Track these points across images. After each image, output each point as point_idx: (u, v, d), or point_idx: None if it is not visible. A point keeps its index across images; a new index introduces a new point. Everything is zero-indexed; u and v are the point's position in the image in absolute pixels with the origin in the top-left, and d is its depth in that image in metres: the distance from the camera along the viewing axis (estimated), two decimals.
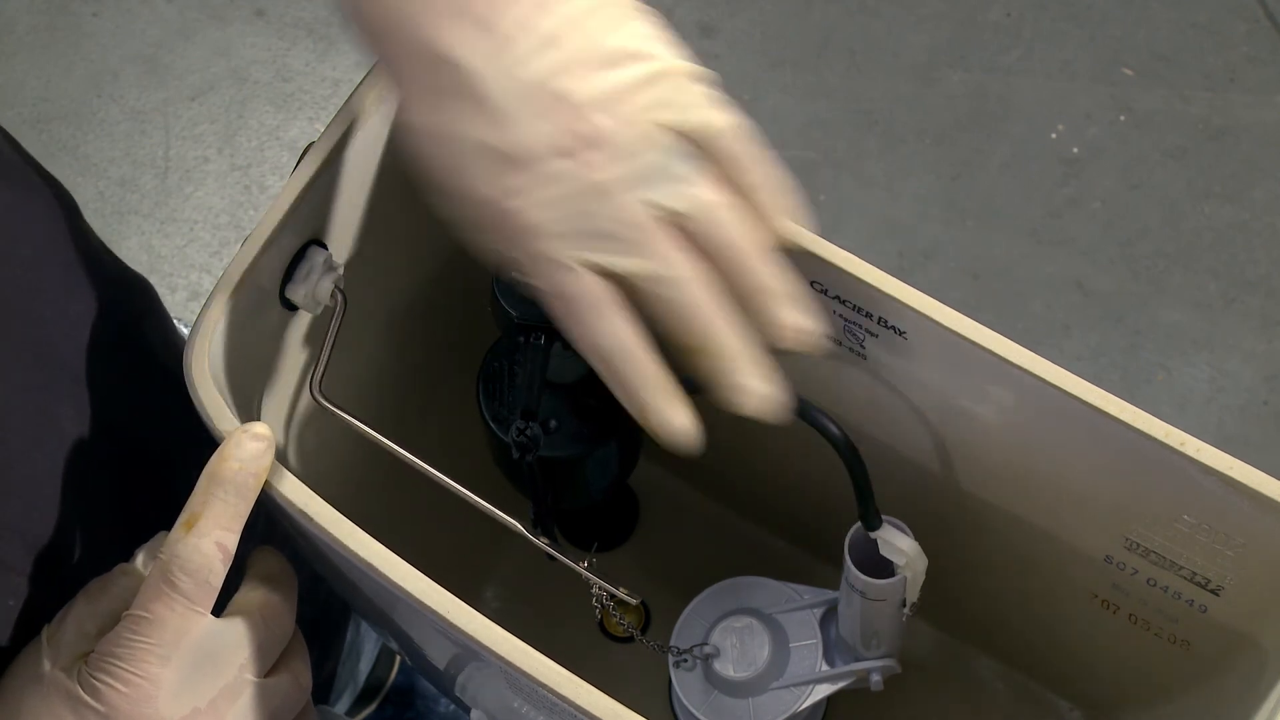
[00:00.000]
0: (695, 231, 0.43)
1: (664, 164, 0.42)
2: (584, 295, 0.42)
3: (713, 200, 0.43)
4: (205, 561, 0.42)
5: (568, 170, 0.41)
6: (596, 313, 0.42)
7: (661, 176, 0.42)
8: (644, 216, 0.42)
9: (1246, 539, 0.51)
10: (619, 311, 0.43)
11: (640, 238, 0.42)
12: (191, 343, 0.49)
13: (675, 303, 0.43)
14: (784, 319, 0.44)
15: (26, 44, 1.49)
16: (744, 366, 0.44)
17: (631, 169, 0.42)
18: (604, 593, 0.55)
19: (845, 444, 0.50)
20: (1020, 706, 0.72)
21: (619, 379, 0.43)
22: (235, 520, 0.43)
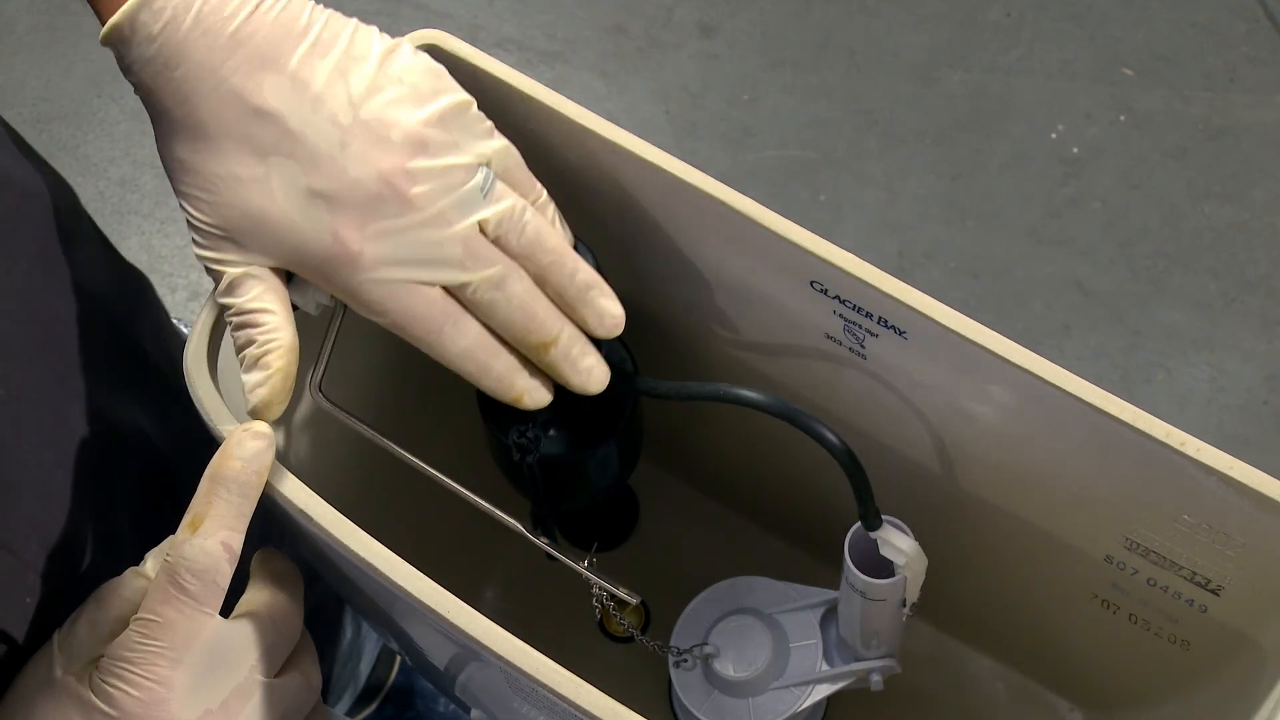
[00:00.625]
0: (510, 237, 0.48)
1: (476, 187, 0.47)
2: (435, 311, 0.46)
3: (519, 206, 0.48)
4: (211, 562, 0.42)
5: (396, 206, 0.45)
6: (452, 321, 0.47)
7: (476, 198, 0.47)
8: (471, 234, 0.46)
9: (1246, 539, 0.51)
10: (467, 315, 0.47)
11: (471, 254, 0.47)
12: (191, 343, 0.49)
13: (512, 301, 0.47)
14: (602, 305, 0.50)
15: (26, 44, 1.49)
16: (581, 346, 0.50)
17: (453, 198, 0.46)
18: (604, 593, 0.55)
19: (844, 451, 0.50)
20: (1020, 706, 0.72)
21: (486, 370, 0.48)
22: (239, 519, 0.43)
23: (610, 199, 0.57)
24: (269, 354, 0.45)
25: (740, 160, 1.43)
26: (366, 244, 0.45)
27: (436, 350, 0.47)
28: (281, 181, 0.44)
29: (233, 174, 0.44)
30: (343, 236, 0.44)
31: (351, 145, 0.45)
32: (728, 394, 0.52)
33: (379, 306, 0.46)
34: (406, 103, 0.46)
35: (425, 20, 1.52)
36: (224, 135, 0.44)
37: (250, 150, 0.44)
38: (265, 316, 0.46)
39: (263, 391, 0.45)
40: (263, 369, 0.45)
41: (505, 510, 0.51)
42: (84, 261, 0.59)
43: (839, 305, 0.54)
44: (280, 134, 0.44)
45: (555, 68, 1.50)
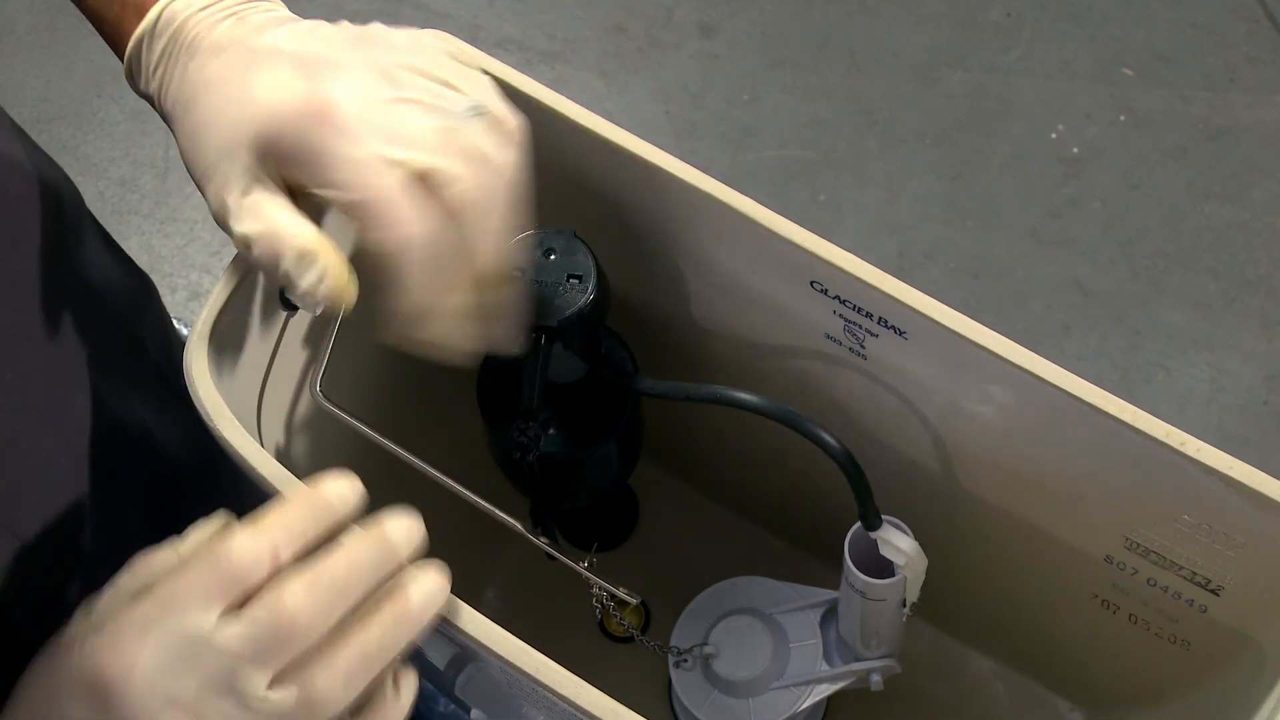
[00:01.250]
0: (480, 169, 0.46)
1: (463, 104, 0.46)
2: (396, 193, 0.43)
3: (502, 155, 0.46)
4: (252, 560, 0.41)
5: (378, 83, 0.45)
6: (412, 209, 0.44)
7: (462, 113, 0.45)
8: (450, 130, 0.45)
9: (1246, 539, 0.51)
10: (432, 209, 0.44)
11: (444, 144, 0.45)
12: (191, 343, 0.49)
13: (493, 213, 0.45)
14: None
15: (26, 44, 1.49)
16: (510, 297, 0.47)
17: (440, 97, 0.45)
18: (604, 593, 0.55)
19: (842, 453, 0.50)
20: (1020, 706, 0.72)
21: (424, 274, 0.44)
22: (298, 538, 0.42)
23: (610, 199, 0.57)
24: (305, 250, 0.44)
25: (740, 160, 1.43)
26: (341, 98, 0.44)
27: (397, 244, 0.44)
28: (266, 73, 0.45)
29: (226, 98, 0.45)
30: (317, 89, 0.44)
31: (340, 45, 0.46)
32: (725, 396, 0.52)
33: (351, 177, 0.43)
34: (411, 32, 0.48)
35: (425, 20, 1.52)
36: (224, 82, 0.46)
37: (247, 72, 0.46)
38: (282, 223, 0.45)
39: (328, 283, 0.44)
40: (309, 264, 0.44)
41: (505, 510, 0.51)
42: (88, 257, 0.59)
43: (839, 305, 0.54)
44: (274, 51, 0.46)
45: (555, 68, 1.50)
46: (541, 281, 0.53)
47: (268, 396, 0.55)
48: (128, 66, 0.49)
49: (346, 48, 0.46)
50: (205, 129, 0.46)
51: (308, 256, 0.44)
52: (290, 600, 0.40)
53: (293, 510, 0.42)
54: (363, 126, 0.44)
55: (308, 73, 0.45)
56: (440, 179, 0.44)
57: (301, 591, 0.40)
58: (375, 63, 0.45)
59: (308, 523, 0.42)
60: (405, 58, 0.46)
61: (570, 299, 0.52)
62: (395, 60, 0.46)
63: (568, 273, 0.53)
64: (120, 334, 0.61)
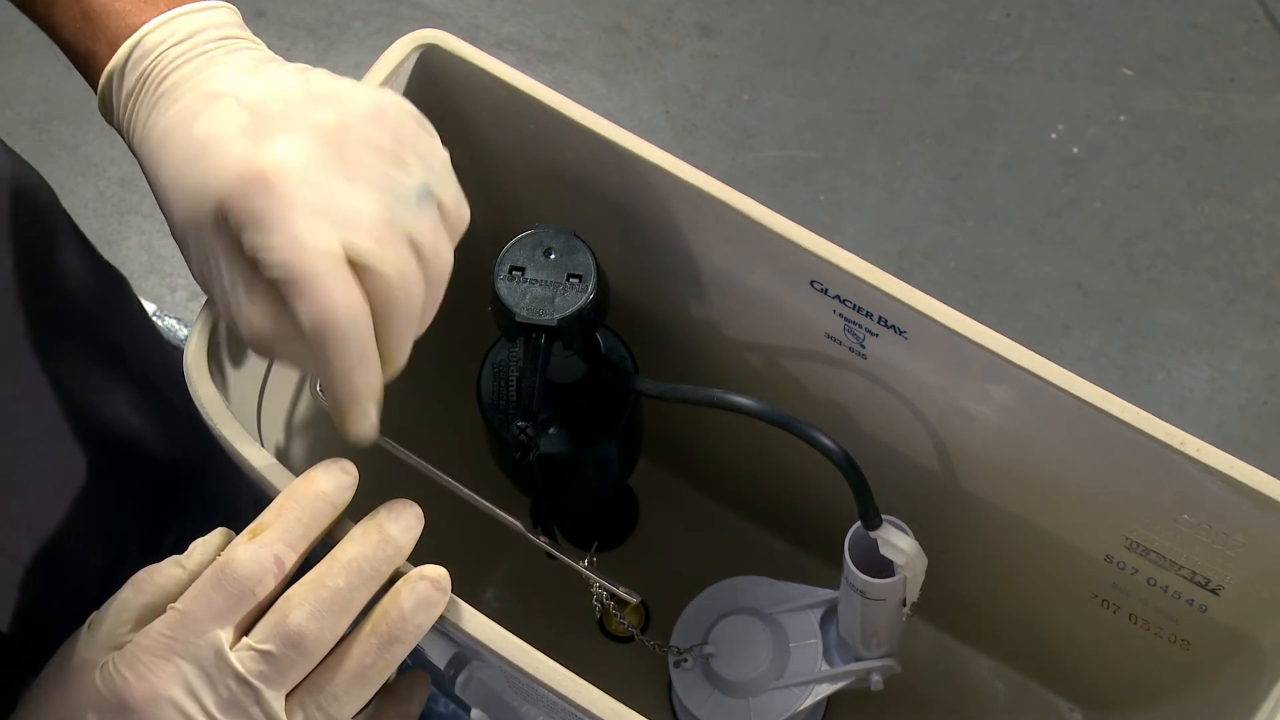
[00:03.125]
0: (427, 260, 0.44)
1: (412, 190, 0.44)
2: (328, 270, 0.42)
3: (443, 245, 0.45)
4: (258, 570, 0.42)
5: (325, 158, 0.43)
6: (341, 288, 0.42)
7: (409, 198, 0.44)
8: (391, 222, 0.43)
9: (1246, 539, 0.51)
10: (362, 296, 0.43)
11: (387, 235, 0.43)
12: (191, 343, 0.49)
13: (399, 306, 0.43)
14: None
15: (26, 44, 1.49)
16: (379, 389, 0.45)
17: (388, 179, 0.43)
18: (604, 592, 0.55)
19: (841, 455, 0.50)
20: (1020, 706, 0.72)
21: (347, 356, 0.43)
22: (300, 540, 0.42)
23: (610, 199, 0.57)
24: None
25: (740, 160, 1.43)
26: (284, 169, 0.42)
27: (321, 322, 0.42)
28: (214, 128, 0.44)
29: (183, 156, 0.44)
30: (260, 154, 0.42)
31: (297, 106, 0.44)
32: (724, 400, 0.52)
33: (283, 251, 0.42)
34: (368, 93, 0.45)
35: (425, 20, 1.52)
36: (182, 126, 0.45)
37: (195, 115, 0.44)
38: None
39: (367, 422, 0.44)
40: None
41: (505, 510, 0.51)
42: (64, 261, 0.59)
43: (839, 305, 0.54)
44: (232, 102, 0.44)
45: (555, 68, 1.50)
46: (541, 281, 0.53)
47: (268, 396, 0.55)
48: (101, 100, 0.48)
49: (303, 108, 0.44)
50: (169, 193, 0.45)
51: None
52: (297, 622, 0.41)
53: (291, 512, 0.42)
54: (305, 199, 0.42)
55: (257, 134, 0.43)
56: (372, 270, 0.43)
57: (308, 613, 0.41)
58: (328, 131, 0.43)
59: (308, 524, 0.43)
60: (362, 127, 0.44)
61: (570, 299, 0.52)
62: (351, 129, 0.44)
63: (568, 273, 0.53)
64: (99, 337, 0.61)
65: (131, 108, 0.47)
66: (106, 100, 0.48)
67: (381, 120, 0.44)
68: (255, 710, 0.41)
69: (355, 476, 0.44)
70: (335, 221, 0.42)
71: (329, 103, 0.44)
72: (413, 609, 0.42)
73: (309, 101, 0.44)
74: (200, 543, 0.44)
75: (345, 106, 0.44)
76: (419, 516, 0.44)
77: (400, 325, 0.44)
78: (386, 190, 0.43)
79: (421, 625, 0.43)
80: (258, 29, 1.51)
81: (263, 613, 0.42)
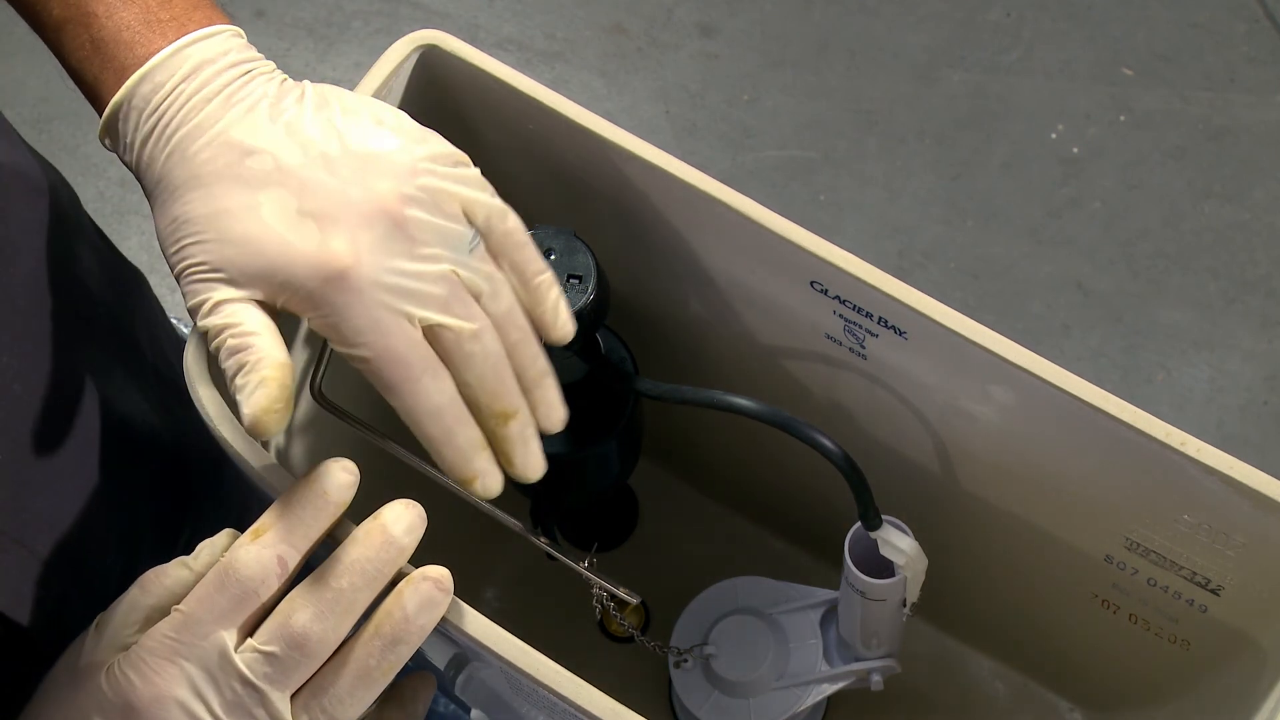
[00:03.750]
0: (487, 300, 0.46)
1: (467, 239, 0.45)
2: (416, 354, 0.44)
3: (502, 278, 0.47)
4: (260, 571, 0.42)
5: (387, 228, 0.44)
6: (431, 371, 0.44)
7: (462, 246, 0.45)
8: (455, 280, 0.45)
9: (1246, 539, 0.51)
10: (445, 370, 0.45)
11: (457, 297, 0.45)
12: (191, 344, 0.49)
13: (489, 359, 0.46)
14: (552, 396, 0.48)
15: (26, 44, 1.48)
16: (533, 428, 0.48)
17: (445, 236, 0.45)
18: (604, 593, 0.55)
19: (841, 457, 0.50)
20: (1020, 706, 0.72)
21: (450, 437, 0.45)
22: (303, 541, 0.43)
23: (610, 199, 0.57)
24: (261, 368, 0.43)
25: (740, 160, 1.43)
26: (357, 260, 0.43)
27: (410, 400, 0.45)
28: (272, 205, 0.44)
29: (224, 209, 0.44)
30: (332, 248, 0.43)
31: (342, 172, 0.44)
32: (723, 402, 0.52)
33: (363, 336, 0.44)
34: (399, 144, 0.46)
35: (425, 20, 1.52)
36: (218, 180, 0.44)
37: (242, 186, 0.44)
38: (251, 336, 0.44)
39: (258, 396, 0.43)
40: (257, 382, 0.43)
41: (505, 510, 0.51)
42: (85, 257, 0.59)
43: (839, 305, 0.54)
44: (271, 168, 0.44)
45: (555, 68, 1.50)
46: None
47: None
48: (105, 128, 0.47)
49: (353, 175, 0.44)
50: (201, 230, 0.44)
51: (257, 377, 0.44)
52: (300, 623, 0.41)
53: (293, 513, 0.43)
54: (377, 288, 0.43)
55: (318, 216, 0.44)
56: (447, 332, 0.45)
57: (311, 615, 0.41)
58: (387, 204, 0.44)
59: (310, 524, 0.43)
60: (411, 190, 0.45)
61: (570, 299, 0.52)
62: (404, 195, 0.44)
63: (568, 273, 0.53)
64: (122, 335, 0.61)
65: (147, 145, 0.46)
66: (112, 129, 0.47)
67: (424, 173, 0.45)
68: (260, 712, 0.41)
69: (356, 476, 0.44)
70: (409, 302, 0.44)
71: (374, 169, 0.45)
72: (416, 610, 0.42)
73: (352, 166, 0.45)
74: (207, 544, 0.44)
75: (391, 169, 0.45)
76: (422, 518, 0.44)
77: (489, 371, 0.46)
78: (447, 249, 0.45)
79: (425, 626, 0.43)
80: (257, 29, 1.51)
81: (266, 614, 0.42)
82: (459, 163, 0.47)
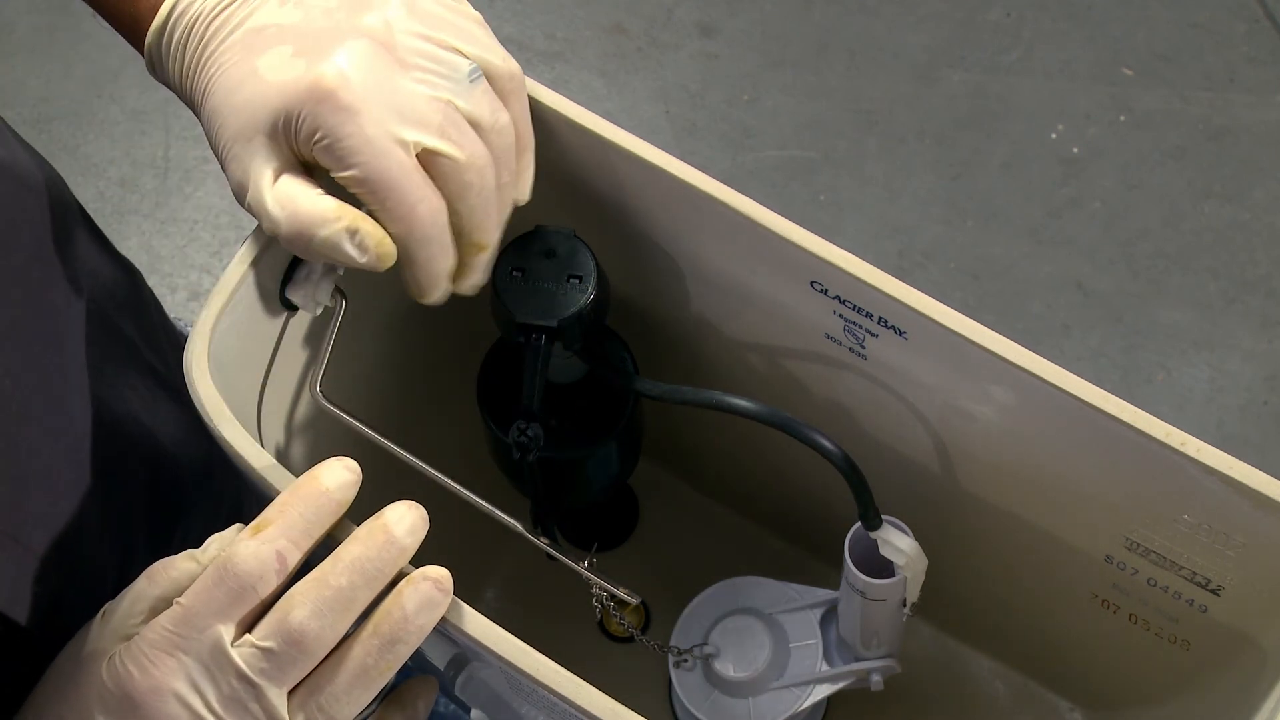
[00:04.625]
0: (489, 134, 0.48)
1: (465, 69, 0.47)
2: (410, 179, 0.45)
3: (506, 115, 0.48)
4: (259, 567, 0.42)
5: (377, 57, 0.45)
6: (426, 201, 0.46)
7: (462, 80, 0.47)
8: (451, 109, 0.46)
9: (1246, 539, 0.51)
10: (439, 197, 0.46)
11: (453, 124, 0.46)
12: (191, 343, 0.49)
13: (484, 191, 0.47)
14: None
15: (26, 44, 1.49)
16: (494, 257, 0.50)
17: (439, 62, 0.46)
18: (604, 593, 0.55)
19: (841, 457, 0.50)
20: (1020, 706, 0.72)
21: (428, 263, 0.47)
22: (303, 538, 0.43)
23: (610, 199, 0.57)
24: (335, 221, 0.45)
25: (740, 160, 1.43)
26: (344, 80, 0.44)
27: (403, 225, 0.46)
28: (269, 60, 0.46)
29: (235, 85, 0.46)
30: (318, 70, 0.44)
31: (337, 15, 0.46)
32: (722, 402, 0.52)
33: (356, 156, 0.45)
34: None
35: None
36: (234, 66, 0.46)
37: (249, 56, 0.46)
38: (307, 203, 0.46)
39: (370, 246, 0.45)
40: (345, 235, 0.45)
41: (505, 510, 0.51)
42: (79, 255, 0.59)
43: (839, 305, 0.54)
44: (274, 33, 0.46)
45: (555, 68, 1.50)
46: (542, 282, 0.53)
47: (268, 396, 0.55)
48: (148, 58, 0.50)
49: (345, 15, 0.46)
50: (219, 114, 0.47)
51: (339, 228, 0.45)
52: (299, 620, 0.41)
53: (294, 509, 0.43)
54: (368, 104, 0.45)
55: (309, 52, 0.45)
56: (444, 159, 0.46)
57: (309, 612, 0.41)
58: (375, 32, 0.46)
59: (311, 521, 0.43)
60: (404, 21, 0.46)
61: (570, 299, 0.52)
62: (396, 26, 0.46)
63: (568, 273, 0.53)
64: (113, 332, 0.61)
65: (181, 58, 0.49)
66: (154, 56, 0.50)
67: (418, 8, 0.47)
68: (255, 707, 0.41)
69: (359, 475, 0.44)
70: (404, 122, 0.45)
71: (367, 7, 0.46)
72: (415, 610, 0.42)
73: (349, 8, 0.46)
74: (217, 538, 0.44)
75: (383, 4, 0.46)
76: (424, 519, 0.44)
77: (480, 204, 0.47)
78: (442, 78, 0.46)
79: (423, 626, 0.43)
80: None
81: (266, 610, 0.42)
82: (464, 11, 0.48)
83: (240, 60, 0.46)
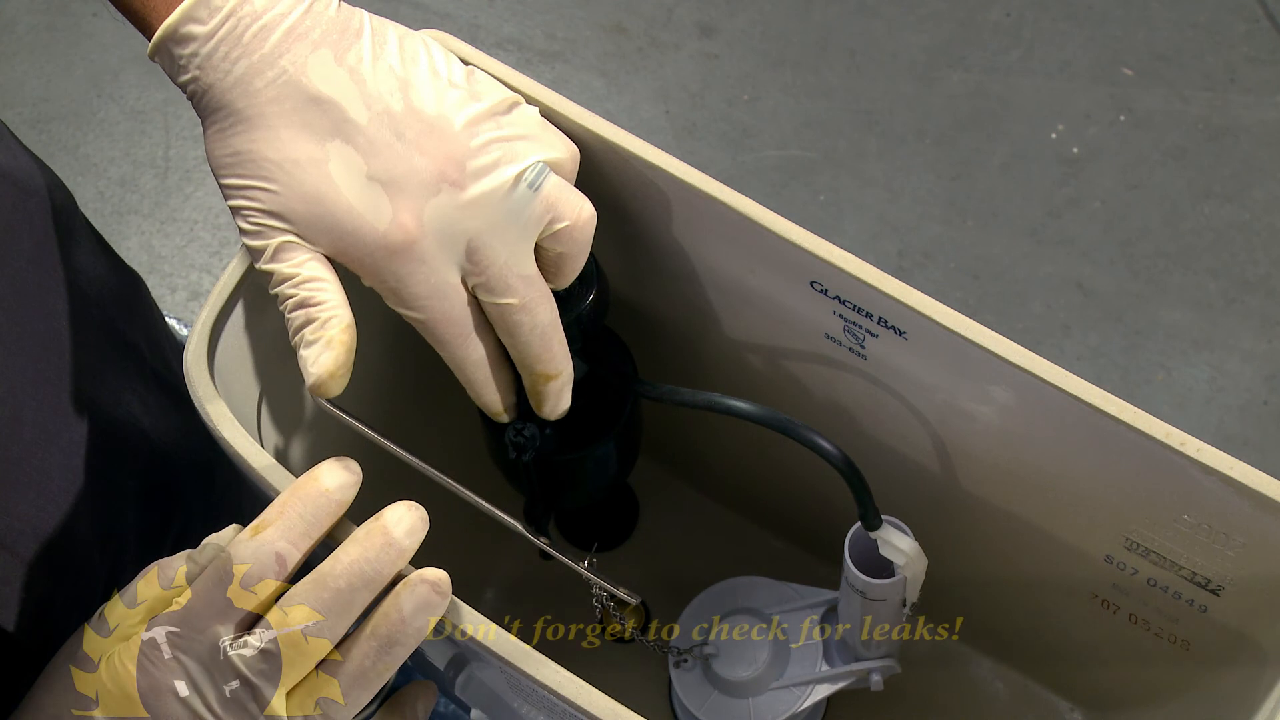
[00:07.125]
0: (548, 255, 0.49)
1: (527, 201, 0.47)
2: (467, 315, 0.47)
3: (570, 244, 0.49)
4: (259, 568, 0.42)
5: (450, 195, 0.45)
6: (480, 330, 0.48)
7: (526, 196, 0.47)
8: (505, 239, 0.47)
9: (1246, 539, 0.51)
10: (489, 329, 0.48)
11: (510, 273, 0.47)
12: (191, 343, 0.49)
13: (535, 329, 0.48)
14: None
15: (26, 44, 1.49)
16: (570, 383, 0.52)
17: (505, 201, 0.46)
18: (604, 593, 0.55)
19: (840, 458, 0.50)
20: (1020, 706, 0.72)
21: (486, 383, 0.50)
22: (303, 538, 0.43)
23: (610, 199, 0.57)
24: (330, 327, 0.45)
25: (740, 160, 1.43)
26: (421, 233, 0.45)
27: (458, 354, 0.48)
28: (340, 165, 0.45)
29: (291, 159, 0.45)
30: (401, 221, 0.45)
31: (407, 134, 0.45)
32: (720, 404, 0.52)
33: (420, 301, 0.46)
34: (456, 98, 0.47)
35: (425, 20, 1.52)
36: (283, 123, 0.45)
37: (309, 135, 0.45)
38: (322, 292, 0.45)
39: (326, 359, 0.45)
40: (326, 344, 0.45)
41: (505, 510, 0.51)
42: (79, 260, 0.59)
43: (839, 305, 0.54)
44: (338, 120, 0.45)
45: (555, 68, 1.50)
46: None
47: (268, 396, 0.55)
48: (155, 49, 0.46)
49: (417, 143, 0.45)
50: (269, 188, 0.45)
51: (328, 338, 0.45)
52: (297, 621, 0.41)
53: (294, 509, 0.43)
54: (440, 258, 0.45)
55: (386, 189, 0.45)
56: (499, 300, 0.47)
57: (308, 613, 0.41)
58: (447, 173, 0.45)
59: (310, 521, 0.43)
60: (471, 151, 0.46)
61: (570, 299, 0.52)
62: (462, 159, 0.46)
63: None
64: (112, 336, 0.61)
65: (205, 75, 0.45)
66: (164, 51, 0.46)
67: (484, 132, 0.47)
68: (254, 707, 0.41)
69: (359, 475, 0.44)
70: (466, 270, 0.46)
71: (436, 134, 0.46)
72: (412, 612, 0.42)
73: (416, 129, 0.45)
74: (214, 538, 0.44)
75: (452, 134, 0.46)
76: (424, 519, 0.44)
77: (534, 339, 0.49)
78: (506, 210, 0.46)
79: (421, 629, 0.43)
80: None
81: (265, 610, 0.42)
82: (514, 105, 0.48)
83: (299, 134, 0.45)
